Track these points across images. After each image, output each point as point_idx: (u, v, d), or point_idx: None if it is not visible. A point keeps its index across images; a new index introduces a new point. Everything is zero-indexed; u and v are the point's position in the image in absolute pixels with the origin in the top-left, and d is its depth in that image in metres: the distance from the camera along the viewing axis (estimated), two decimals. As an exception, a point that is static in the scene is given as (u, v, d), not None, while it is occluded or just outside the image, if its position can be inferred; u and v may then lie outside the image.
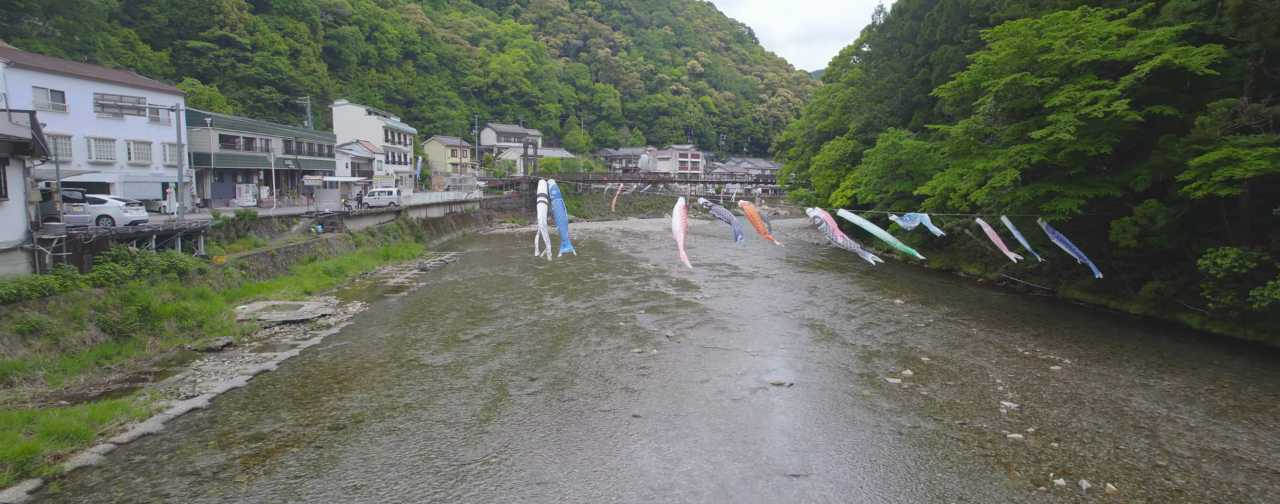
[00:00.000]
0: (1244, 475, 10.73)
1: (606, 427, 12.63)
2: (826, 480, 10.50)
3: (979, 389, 15.14)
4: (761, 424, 12.86)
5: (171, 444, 11.48)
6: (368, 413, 13.15)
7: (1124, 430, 12.66)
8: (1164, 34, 19.09)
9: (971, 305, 25.46)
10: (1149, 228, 19.73)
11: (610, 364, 16.83)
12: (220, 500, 9.57)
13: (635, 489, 10.12)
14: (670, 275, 32.54)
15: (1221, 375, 16.14)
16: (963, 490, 10.15)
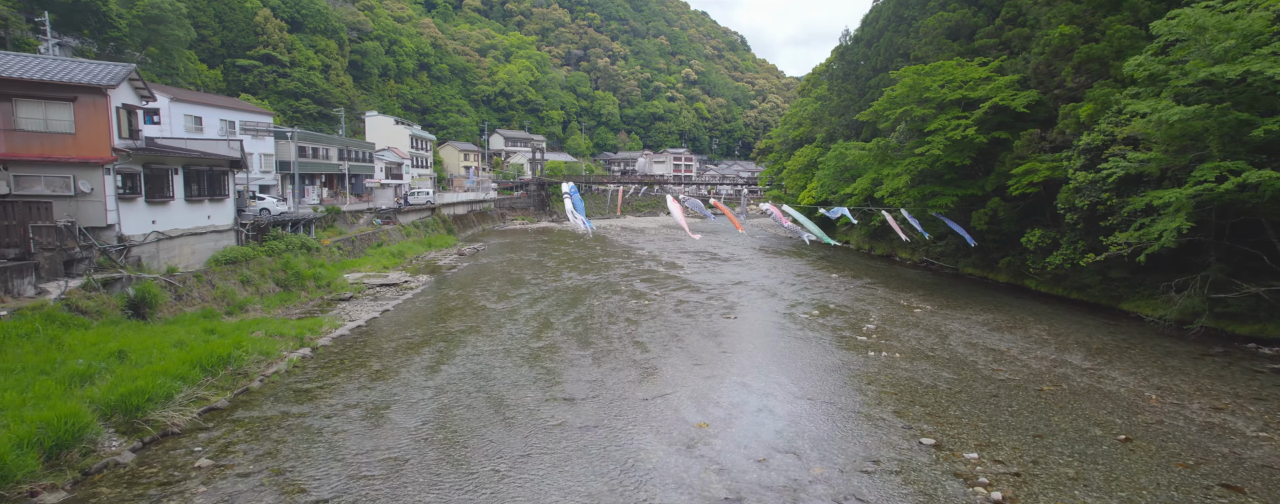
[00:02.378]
0: (980, 354, 18.78)
1: (618, 337, 20.71)
2: (749, 357, 18.56)
3: (857, 320, 23.24)
4: (717, 333, 20.93)
5: (359, 340, 19.52)
6: (462, 331, 21.19)
7: (930, 336, 20.75)
8: (1002, 81, 27.27)
9: (889, 278, 33.56)
10: (995, 217, 27.88)
11: (616, 309, 24.93)
12: (402, 361, 17.57)
13: (636, 360, 18.18)
14: (661, 259, 40.67)
15: (1015, 312, 24.23)
16: (824, 359, 18.20)
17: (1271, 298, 18.92)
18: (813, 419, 13.40)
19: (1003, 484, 10.44)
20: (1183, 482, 10.61)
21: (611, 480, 10.48)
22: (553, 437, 12.24)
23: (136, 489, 9.84)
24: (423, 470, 10.76)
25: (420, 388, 15.06)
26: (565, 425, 12.81)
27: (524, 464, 11.03)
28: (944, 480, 10.57)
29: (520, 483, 10.34)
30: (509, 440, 12.06)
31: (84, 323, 15.43)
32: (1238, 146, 17.38)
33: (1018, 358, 18.15)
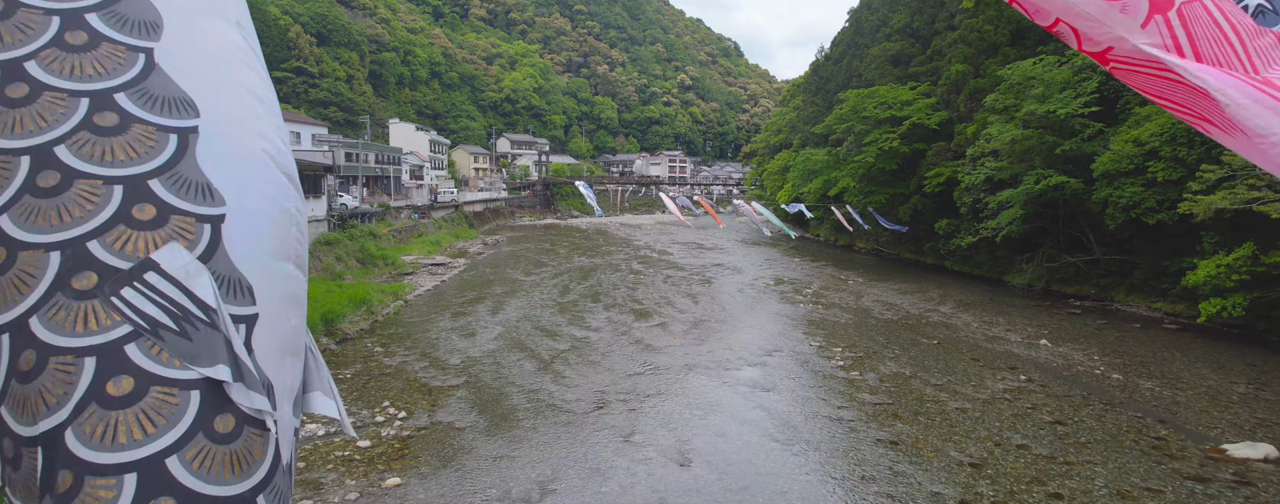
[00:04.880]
0: (880, 306, 26.26)
1: (621, 297, 28.21)
2: (718, 306, 26.05)
3: (802, 287, 30.76)
4: (695, 295, 28.42)
5: (433, 297, 26.98)
6: (505, 293, 28.64)
7: (850, 297, 28.25)
8: (922, 103, 34.84)
9: (840, 262, 41.11)
10: (917, 210, 35.47)
11: (619, 280, 32.44)
12: (470, 308, 25.00)
13: (634, 309, 25.67)
14: (655, 248, 48.23)
15: (923, 282, 31.75)
16: (769, 309, 25.69)
17: (1086, 267, 26.51)
18: (753, 335, 20.93)
19: (849, 362, 17.95)
20: (962, 364, 18.14)
21: (629, 363, 18.00)
22: (584, 342, 19.75)
23: (345, 361, 17.31)
24: (507, 357, 18.26)
25: (489, 322, 22.52)
26: (589, 339, 20.32)
27: (569, 354, 18.54)
28: (817, 360, 18.08)
29: (572, 363, 17.85)
30: (556, 345, 19.54)
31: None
32: (1052, 159, 24.94)
33: (905, 308, 25.66)
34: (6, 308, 1.07)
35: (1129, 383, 15.83)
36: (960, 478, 10.84)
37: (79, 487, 0.99)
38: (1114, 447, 11.99)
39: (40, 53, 1.23)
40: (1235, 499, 9.89)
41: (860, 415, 13.85)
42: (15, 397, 1.06)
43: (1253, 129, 1.47)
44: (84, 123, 1.20)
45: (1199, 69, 1.54)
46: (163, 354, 1.08)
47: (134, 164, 1.19)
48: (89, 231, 1.12)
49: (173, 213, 1.17)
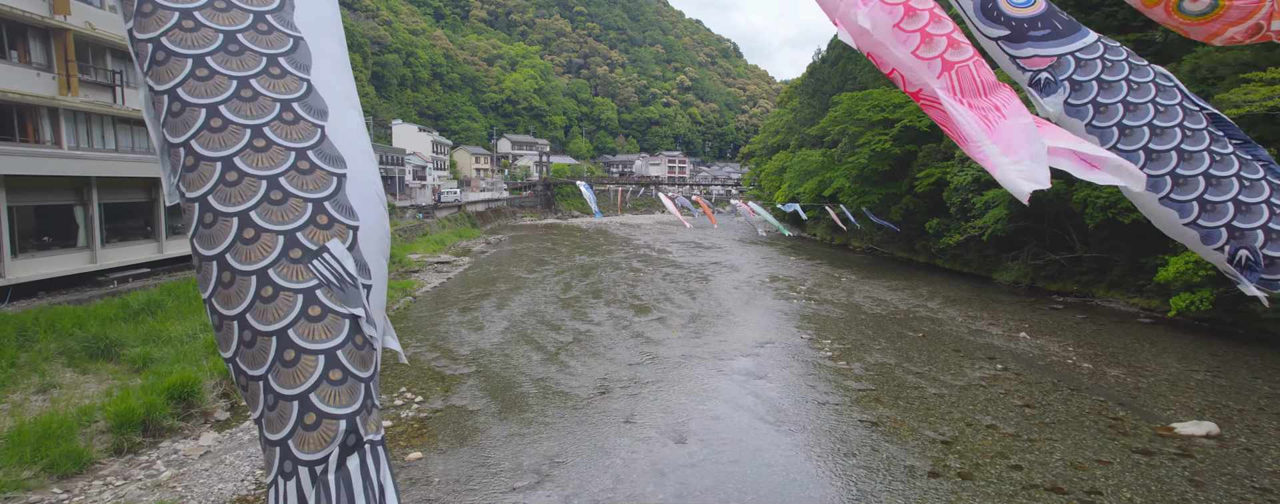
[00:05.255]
0: (870, 302, 27.32)
1: (621, 293, 29.25)
2: (714, 302, 27.10)
3: (796, 284, 31.81)
4: (692, 291, 29.46)
5: (440, 293, 28.02)
6: (509, 290, 29.69)
7: (842, 293, 29.30)
8: (915, 106, 35.84)
9: (835, 260, 42.15)
10: (909, 209, 36.52)
11: (619, 278, 33.48)
12: (477, 303, 26.04)
13: (634, 305, 26.71)
14: (654, 247, 49.27)
15: (913, 279, 32.81)
16: (764, 304, 26.75)
17: (1069, 264, 27.55)
18: (748, 329, 21.97)
19: (837, 353, 18.99)
20: (944, 355, 19.19)
21: (630, 354, 19.05)
22: (587, 335, 20.80)
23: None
24: (514, 349, 19.30)
25: (495, 317, 23.56)
26: (592, 332, 21.36)
27: (572, 345, 19.58)
28: (807, 351, 19.13)
29: (575, 354, 18.89)
30: (560, 337, 20.58)
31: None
32: (1035, 160, 25.96)
33: (894, 304, 26.71)
34: (254, 262, 2.09)
35: (1097, 371, 16.88)
36: (932, 453, 11.89)
37: (297, 360, 1.97)
38: (1074, 426, 13.05)
39: (270, 123, 2.25)
40: (1174, 469, 10.95)
41: (845, 400, 14.90)
42: (257, 309, 2.05)
43: (967, 139, 2.54)
44: (293, 166, 2.22)
45: (952, 102, 2.62)
46: (333, 297, 2.09)
47: (318, 193, 2.21)
48: (297, 226, 2.14)
49: (336, 222, 2.19)
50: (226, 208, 1.97)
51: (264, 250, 1.97)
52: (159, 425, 11.40)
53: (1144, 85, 3.18)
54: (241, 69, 2.17)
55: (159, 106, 2.12)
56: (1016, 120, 2.76)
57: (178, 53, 2.11)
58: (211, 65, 2.14)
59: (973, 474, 11.02)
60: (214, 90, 2.09)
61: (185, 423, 12.07)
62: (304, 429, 1.73)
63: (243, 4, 2.30)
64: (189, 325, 15.78)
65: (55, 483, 9.36)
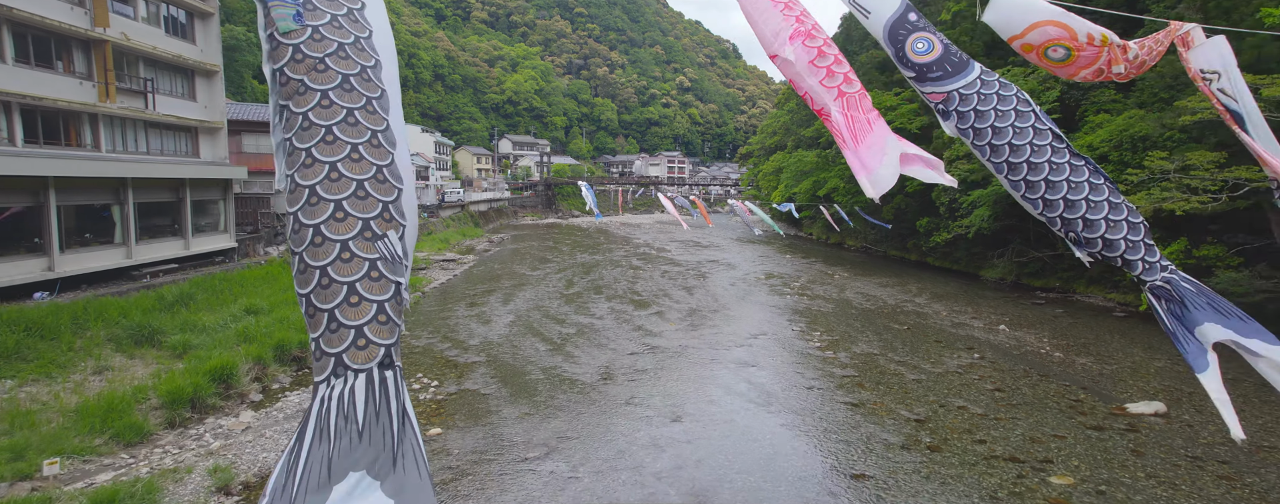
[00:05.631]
0: (860, 297, 28.50)
1: (622, 289, 30.41)
2: (711, 296, 28.26)
3: (790, 280, 32.98)
4: (690, 286, 30.63)
5: (448, 289, 29.18)
6: (514, 286, 30.86)
7: (834, 289, 30.47)
8: (904, 108, 37.04)
9: (829, 258, 43.33)
10: (900, 208, 37.70)
11: (619, 275, 34.65)
12: (483, 299, 27.21)
13: (634, 300, 27.88)
14: (654, 246, 50.45)
15: (903, 276, 33.98)
16: (759, 299, 27.92)
17: (1052, 261, 28.75)
18: (742, 322, 23.15)
19: (825, 343, 20.17)
20: (925, 346, 20.38)
21: (630, 345, 20.23)
22: (589, 327, 21.98)
23: (382, 340, 19.56)
24: (520, 340, 20.48)
25: (501, 311, 24.73)
26: (594, 325, 22.54)
27: (576, 337, 20.76)
28: (798, 342, 20.31)
29: (579, 345, 20.07)
30: (564, 330, 21.76)
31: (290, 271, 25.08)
32: (1018, 162, 27.15)
33: (883, 299, 27.89)
34: (342, 235, 3.24)
35: (1067, 359, 18.06)
36: (906, 430, 13.07)
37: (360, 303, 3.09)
38: (1038, 407, 14.23)
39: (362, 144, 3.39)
40: (1120, 441, 12.13)
41: (830, 385, 16.08)
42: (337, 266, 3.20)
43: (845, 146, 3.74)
44: (373, 176, 3.34)
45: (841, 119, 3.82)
46: (387, 268, 3.23)
47: (386, 198, 3.33)
48: (371, 217, 3.26)
49: (393, 220, 3.33)
50: (328, 195, 2.86)
51: (349, 228, 2.90)
52: (204, 403, 12.58)
53: (1006, 112, 4.35)
54: (350, 103, 3.23)
55: (291, 120, 3.12)
56: (879, 135, 3.96)
57: (311, 87, 3.15)
58: (332, 97, 3.20)
59: (940, 447, 12.20)
60: (332, 115, 3.12)
61: (226, 402, 13.25)
62: (356, 349, 2.61)
63: (355, 56, 3.39)
64: (219, 316, 16.95)
65: (122, 450, 10.54)
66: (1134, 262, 4.01)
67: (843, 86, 4.16)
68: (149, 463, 10.33)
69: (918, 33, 4.54)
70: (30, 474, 8.99)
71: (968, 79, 4.56)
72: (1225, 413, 3.56)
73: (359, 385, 2.46)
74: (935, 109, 4.66)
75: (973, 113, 4.45)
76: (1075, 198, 4.20)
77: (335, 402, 2.42)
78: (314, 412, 2.37)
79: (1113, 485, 10.46)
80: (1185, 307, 3.89)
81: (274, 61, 2.91)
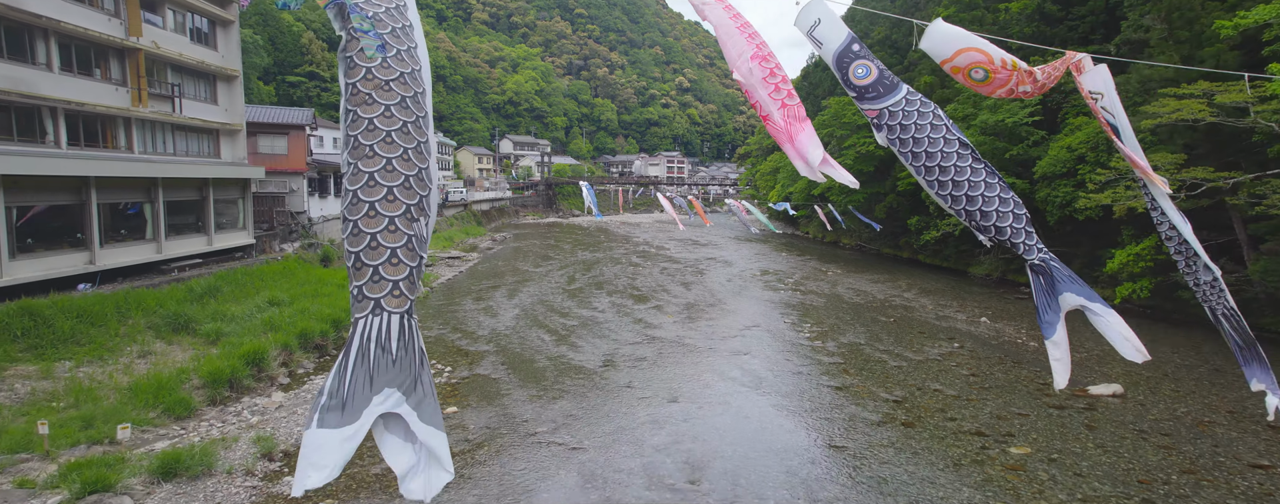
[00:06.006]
0: (852, 293, 29.65)
1: (622, 285, 31.57)
2: (707, 292, 29.42)
3: (785, 277, 34.14)
4: (688, 282, 31.79)
5: (454, 285, 30.33)
6: (518, 282, 32.01)
7: (827, 285, 31.63)
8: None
9: (824, 256, 44.49)
10: (892, 207, 38.86)
11: (619, 271, 35.80)
12: (489, 293, 28.36)
13: (634, 295, 29.04)
14: (653, 244, 51.60)
15: (894, 273, 35.13)
16: (754, 294, 29.07)
17: (1035, 257, 29.92)
18: (737, 315, 24.31)
19: (815, 334, 21.33)
20: (909, 336, 21.53)
21: (630, 336, 21.38)
22: (591, 320, 23.13)
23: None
24: (526, 331, 21.63)
25: (507, 305, 25.89)
26: (596, 318, 23.70)
27: (579, 328, 21.92)
28: (789, 333, 21.47)
29: (582, 336, 21.23)
30: (568, 322, 22.91)
31: (306, 266, 26.20)
32: (1003, 162, 28.34)
33: (873, 294, 29.05)
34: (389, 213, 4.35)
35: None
36: (883, 409, 14.23)
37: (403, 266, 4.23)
38: (1007, 390, 15.40)
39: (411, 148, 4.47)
40: (1077, 418, 13.30)
41: (816, 371, 17.24)
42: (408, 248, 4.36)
43: (783, 144, 4.91)
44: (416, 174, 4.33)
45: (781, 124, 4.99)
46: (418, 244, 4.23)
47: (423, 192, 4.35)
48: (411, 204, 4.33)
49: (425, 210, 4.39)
50: (383, 182, 3.61)
51: (396, 209, 3.56)
52: (240, 384, 13.74)
53: (924, 125, 5.50)
54: (405, 117, 4.25)
55: (357, 122, 4.09)
56: (809, 134, 5.12)
57: (377, 101, 4.16)
58: (392, 111, 4.23)
59: (914, 424, 13.37)
60: (391, 124, 4.10)
61: (258, 383, 14.41)
62: (392, 296, 3.31)
63: (411, 83, 4.42)
64: (245, 307, 18.10)
65: (173, 422, 11.69)
66: (1018, 244, 5.17)
67: (785, 99, 5.32)
68: (198, 433, 11.48)
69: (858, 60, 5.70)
70: (101, 440, 10.13)
71: (896, 98, 5.72)
72: (1057, 368, 4.74)
73: (393, 323, 3.05)
74: (871, 123, 5.82)
75: (899, 126, 5.61)
76: (975, 194, 5.37)
77: (374, 332, 3.00)
78: (356, 338, 2.96)
79: (1063, 454, 11.62)
80: (1053, 279, 5.08)
81: (350, 77, 3.70)
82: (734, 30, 5.85)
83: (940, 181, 5.38)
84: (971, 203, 5.29)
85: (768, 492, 10.46)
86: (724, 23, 6.02)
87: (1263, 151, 17.37)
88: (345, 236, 3.32)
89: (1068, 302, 4.93)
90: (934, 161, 5.44)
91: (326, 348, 17.97)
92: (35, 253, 15.18)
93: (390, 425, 2.92)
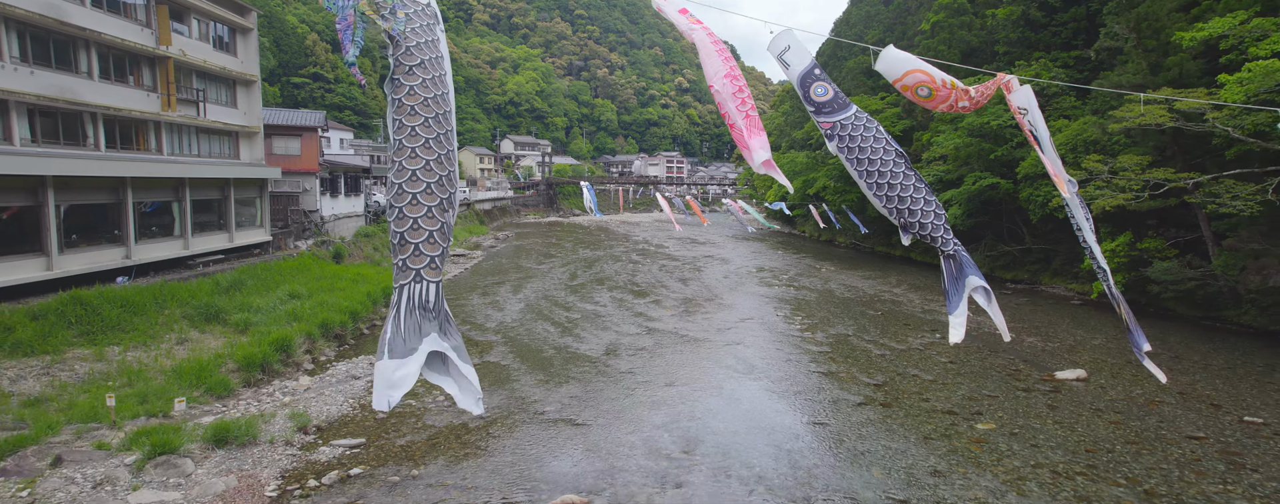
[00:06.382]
0: (842, 288, 30.83)
1: (623, 281, 32.75)
2: (704, 287, 30.59)
3: (779, 273, 35.32)
4: (686, 278, 32.96)
5: (460, 281, 31.49)
6: (522, 278, 33.17)
7: (820, 280, 32.81)
8: (888, 112, 39.38)
9: (819, 254, 45.66)
10: (884, 208, 40.06)
11: (620, 268, 36.97)
12: (494, 289, 29.53)
13: (634, 290, 30.21)
14: (651, 241, 52.78)
15: (885, 270, 36.29)
16: (749, 289, 30.25)
17: (1020, 254, 31.09)
18: (732, 308, 25.49)
19: (806, 326, 22.50)
20: (894, 328, 22.71)
21: (631, 327, 22.57)
22: (593, 313, 24.31)
23: (409, 323, 21.85)
24: (532, 323, 22.80)
25: (512, 299, 27.05)
26: (597, 311, 24.87)
27: (582, 321, 23.09)
28: (781, 324, 22.64)
29: (585, 327, 22.40)
30: (571, 315, 24.08)
31: (320, 263, 27.37)
32: (988, 163, 29.51)
33: (863, 290, 30.22)
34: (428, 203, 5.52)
35: (1018, 339, 20.40)
36: (864, 392, 15.40)
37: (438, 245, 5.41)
38: (981, 376, 16.58)
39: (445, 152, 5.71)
40: (1041, 399, 14.48)
41: (805, 359, 18.42)
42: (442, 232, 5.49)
43: (742, 146, 6.08)
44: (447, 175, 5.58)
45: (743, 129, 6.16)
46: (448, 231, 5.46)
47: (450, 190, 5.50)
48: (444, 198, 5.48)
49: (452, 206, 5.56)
50: (423, 178, 4.60)
51: (433, 200, 4.52)
52: (271, 368, 14.91)
53: (866, 136, 6.65)
54: (439, 130, 5.39)
55: (402, 127, 5.20)
56: (763, 139, 6.26)
57: (419, 113, 5.30)
58: (431, 124, 5.37)
59: (891, 405, 14.54)
60: (430, 134, 5.19)
61: (287, 368, 15.58)
62: (430, 269, 4.29)
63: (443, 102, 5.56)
64: (268, 299, 19.26)
65: (215, 401, 12.86)
66: (938, 237, 6.36)
67: (749, 111, 6.47)
68: (238, 409, 12.65)
69: (817, 81, 6.86)
70: (156, 413, 11.30)
71: (847, 114, 6.89)
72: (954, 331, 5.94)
73: (430, 290, 4.05)
74: (825, 134, 6.98)
75: (848, 136, 6.78)
76: (906, 195, 6.54)
77: (416, 295, 3.87)
78: (402, 300, 3.80)
79: (1025, 429, 12.80)
80: (961, 266, 6.27)
81: (395, 93, 4.67)
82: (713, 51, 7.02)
83: (878, 184, 6.55)
84: (902, 203, 6.46)
85: (755, 461, 11.63)
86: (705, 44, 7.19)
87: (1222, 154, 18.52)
88: (392, 220, 4.13)
89: (971, 284, 6.13)
90: (875, 168, 6.60)
91: (345, 338, 19.14)
92: (79, 248, 16.33)
93: (432, 364, 3.91)
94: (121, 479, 8.85)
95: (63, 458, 9.03)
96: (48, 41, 15.71)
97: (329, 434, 12.27)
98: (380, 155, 56.62)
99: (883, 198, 6.46)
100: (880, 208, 6.53)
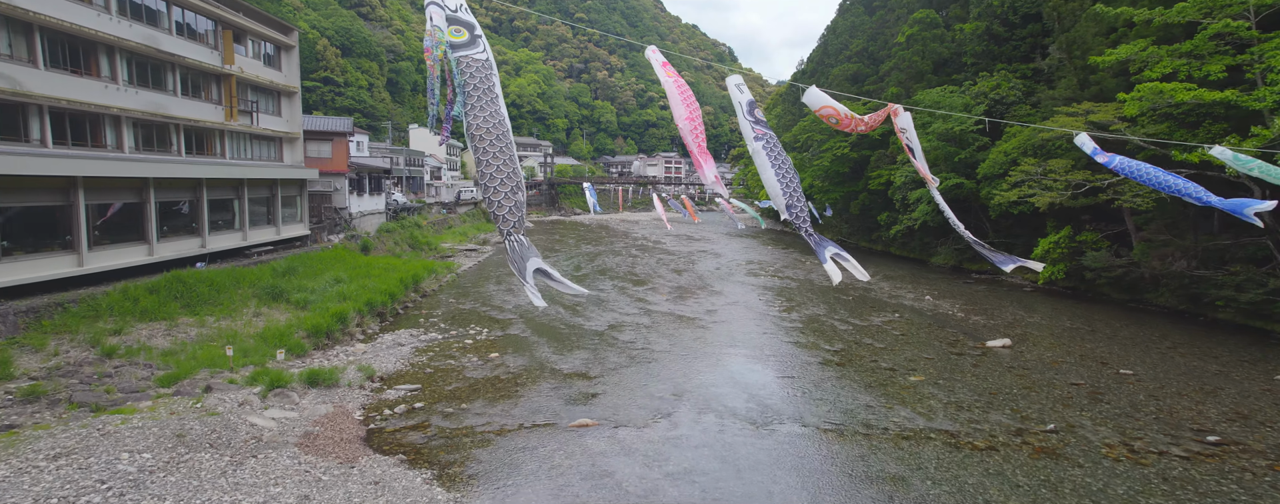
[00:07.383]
0: (824, 279, 33.95)
1: (623, 272, 35.87)
2: (697, 278, 33.72)
3: (766, 267, 38.43)
4: (681, 270, 36.08)
5: (475, 272, 34.61)
6: (534, 269, 36.26)
7: (804, 272, 35.92)
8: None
9: (805, 249, 48.72)
10: (865, 204, 43.18)
11: (620, 261, 40.09)
12: (506, 279, 32.62)
13: (633, 279, 33.34)
14: (650, 238, 55.91)
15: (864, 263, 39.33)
16: (739, 280, 33.37)
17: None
18: (720, 294, 28.62)
19: (783, 308, 25.62)
20: (862, 309, 25.84)
21: (631, 309, 25.71)
22: (597, 298, 27.45)
23: (435, 305, 24.94)
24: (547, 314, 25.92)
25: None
26: (601, 296, 28.00)
27: (588, 304, 26.23)
28: (762, 307, 25.77)
29: (591, 310, 25.54)
30: (577, 299, 27.20)
31: (352, 254, 30.47)
32: (954, 165, 32.64)
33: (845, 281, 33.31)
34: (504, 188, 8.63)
35: (965, 318, 23.54)
36: (824, 357, 18.53)
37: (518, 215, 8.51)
38: (924, 345, 19.70)
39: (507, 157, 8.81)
40: (969, 360, 17.60)
41: (780, 332, 21.54)
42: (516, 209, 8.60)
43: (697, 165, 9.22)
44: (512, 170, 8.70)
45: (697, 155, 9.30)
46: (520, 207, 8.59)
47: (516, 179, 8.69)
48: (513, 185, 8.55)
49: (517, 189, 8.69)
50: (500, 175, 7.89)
51: (506, 186, 7.61)
52: (333, 335, 18.03)
53: (776, 145, 9.74)
54: (502, 141, 8.43)
55: (474, 136, 8.36)
56: (711, 163, 9.35)
57: (489, 136, 8.42)
58: (495, 135, 8.44)
59: (845, 364, 17.67)
60: (497, 141, 8.28)
61: (344, 337, 18.70)
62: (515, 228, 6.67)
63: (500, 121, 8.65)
64: (318, 282, 22.35)
65: (294, 359, 15.98)
66: (804, 223, 9.46)
67: (702, 144, 9.55)
68: (315, 364, 15.76)
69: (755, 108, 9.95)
70: (259, 363, 14.41)
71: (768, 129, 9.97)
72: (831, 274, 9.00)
73: (522, 238, 6.45)
74: (754, 136, 10.05)
75: (768, 141, 9.87)
76: (791, 188, 9.65)
77: (516, 243, 6.47)
78: (510, 245, 6.40)
79: (948, 381, 15.93)
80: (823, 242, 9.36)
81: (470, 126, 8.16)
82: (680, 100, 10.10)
83: (784, 179, 9.66)
84: (790, 194, 9.57)
85: (730, 402, 14.75)
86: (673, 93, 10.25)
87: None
88: (488, 203, 6.84)
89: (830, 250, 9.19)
90: (785, 165, 9.72)
91: (386, 315, 22.25)
92: (169, 238, 19.43)
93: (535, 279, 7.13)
94: (253, 402, 11.96)
95: (211, 387, 12.13)
96: (147, 66, 18.81)
97: (391, 382, 15.38)
98: (396, 157, 59.71)
99: (784, 185, 9.57)
100: (778, 194, 9.62)
